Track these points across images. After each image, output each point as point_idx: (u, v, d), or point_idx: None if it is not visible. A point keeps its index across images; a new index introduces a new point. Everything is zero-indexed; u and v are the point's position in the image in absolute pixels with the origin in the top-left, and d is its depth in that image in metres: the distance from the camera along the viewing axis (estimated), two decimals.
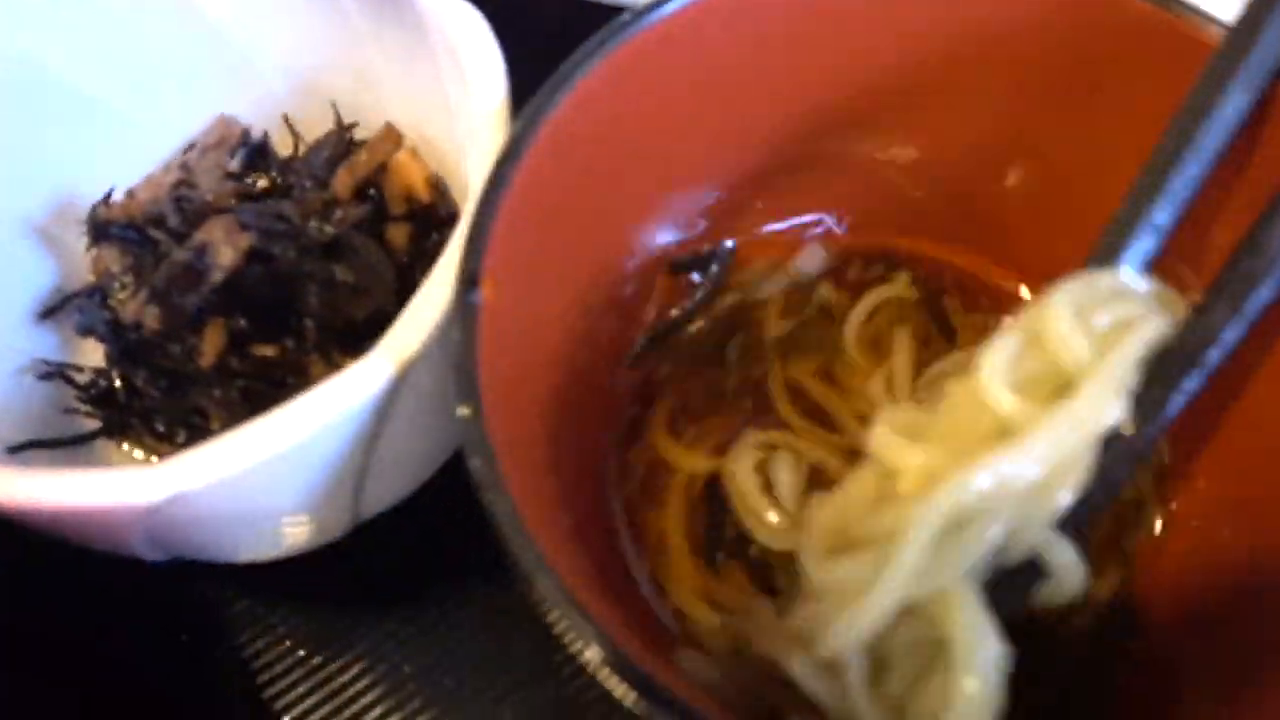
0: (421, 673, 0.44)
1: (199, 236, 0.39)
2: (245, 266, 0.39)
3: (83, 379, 0.43)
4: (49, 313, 0.43)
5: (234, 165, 0.46)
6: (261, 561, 0.41)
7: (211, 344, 0.39)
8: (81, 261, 0.45)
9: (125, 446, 0.43)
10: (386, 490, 0.38)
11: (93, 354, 0.44)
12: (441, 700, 0.44)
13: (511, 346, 0.30)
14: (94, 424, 0.42)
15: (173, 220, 0.40)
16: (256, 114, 0.47)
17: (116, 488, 0.30)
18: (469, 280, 0.29)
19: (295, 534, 0.38)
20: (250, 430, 0.31)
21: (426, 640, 0.45)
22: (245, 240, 0.39)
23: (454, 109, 0.40)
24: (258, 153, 0.46)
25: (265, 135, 0.47)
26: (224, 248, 0.38)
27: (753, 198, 0.41)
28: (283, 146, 0.47)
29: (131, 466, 0.31)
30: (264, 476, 0.32)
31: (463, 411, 0.28)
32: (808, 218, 0.43)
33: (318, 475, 0.34)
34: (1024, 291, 0.42)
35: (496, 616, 0.45)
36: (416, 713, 0.43)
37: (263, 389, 0.40)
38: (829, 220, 0.43)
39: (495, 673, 0.44)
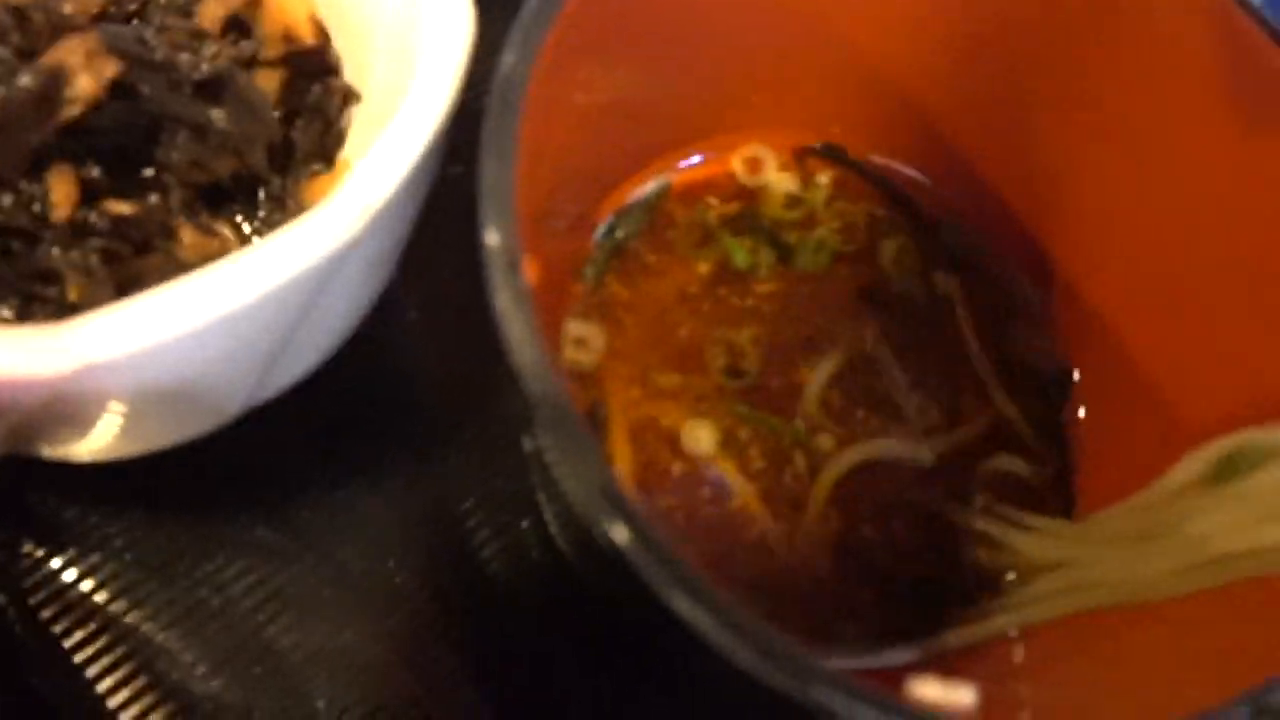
0: (292, 586, 0.39)
1: (51, 57, 0.31)
2: (105, 102, 0.32)
3: None
4: None
5: None
6: (109, 461, 0.35)
7: (63, 194, 0.32)
8: None
9: None
10: (292, 368, 0.33)
11: None
12: (317, 616, 0.39)
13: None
14: None
15: (13, 35, 0.32)
16: None
17: (13, 353, 0.24)
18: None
19: (188, 422, 0.32)
20: (185, 288, 0.25)
21: (299, 549, 0.40)
22: (111, 68, 0.32)
23: None
24: None
25: None
26: (83, 75, 0.31)
27: None
28: None
29: (11, 329, 0.24)
30: (195, 344, 0.26)
31: (492, 239, 0.25)
32: None
33: (246, 346, 0.29)
34: None
35: (376, 521, 0.41)
36: (287, 630, 0.39)
37: (126, 252, 0.33)
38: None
39: (377, 586, 0.40)
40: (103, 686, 0.37)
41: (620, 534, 0.24)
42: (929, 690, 0.28)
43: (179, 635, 0.38)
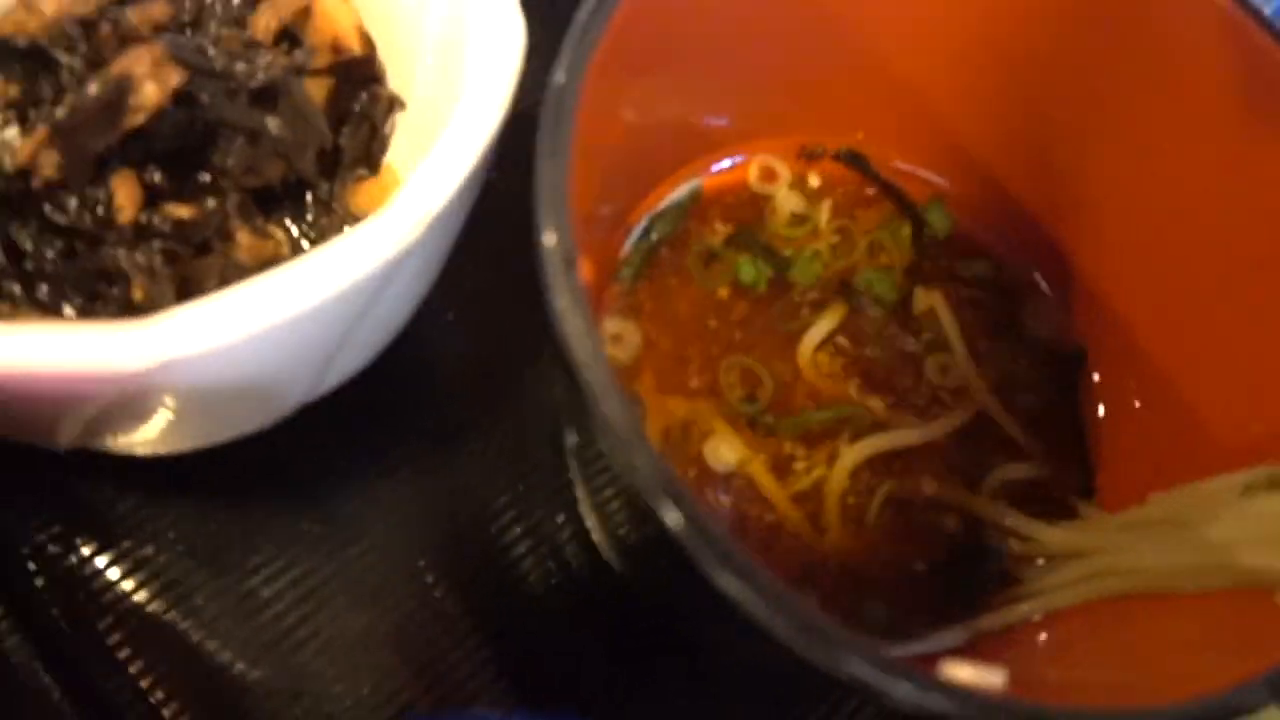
0: (338, 576, 0.41)
1: (118, 66, 0.32)
2: (167, 109, 0.34)
3: None
4: None
5: None
6: (166, 454, 0.36)
7: (128, 197, 0.33)
8: None
9: None
10: (346, 366, 0.35)
11: None
12: (362, 606, 0.40)
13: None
14: None
15: (81, 45, 0.33)
16: None
17: (98, 348, 0.25)
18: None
19: (247, 417, 0.33)
20: (259, 288, 0.27)
21: (342, 541, 0.41)
22: (175, 77, 0.33)
23: None
24: None
25: None
26: (149, 84, 0.33)
27: None
28: None
29: (94, 325, 0.25)
30: (265, 342, 0.28)
31: (549, 240, 0.26)
32: None
33: (312, 344, 0.30)
34: None
35: (417, 511, 0.42)
36: (331, 620, 0.40)
37: (186, 254, 0.35)
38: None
39: (419, 573, 0.41)
40: (148, 680, 0.38)
41: (674, 517, 0.25)
42: (961, 673, 0.29)
43: (230, 623, 0.39)
